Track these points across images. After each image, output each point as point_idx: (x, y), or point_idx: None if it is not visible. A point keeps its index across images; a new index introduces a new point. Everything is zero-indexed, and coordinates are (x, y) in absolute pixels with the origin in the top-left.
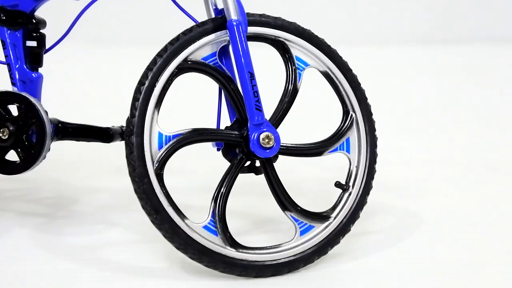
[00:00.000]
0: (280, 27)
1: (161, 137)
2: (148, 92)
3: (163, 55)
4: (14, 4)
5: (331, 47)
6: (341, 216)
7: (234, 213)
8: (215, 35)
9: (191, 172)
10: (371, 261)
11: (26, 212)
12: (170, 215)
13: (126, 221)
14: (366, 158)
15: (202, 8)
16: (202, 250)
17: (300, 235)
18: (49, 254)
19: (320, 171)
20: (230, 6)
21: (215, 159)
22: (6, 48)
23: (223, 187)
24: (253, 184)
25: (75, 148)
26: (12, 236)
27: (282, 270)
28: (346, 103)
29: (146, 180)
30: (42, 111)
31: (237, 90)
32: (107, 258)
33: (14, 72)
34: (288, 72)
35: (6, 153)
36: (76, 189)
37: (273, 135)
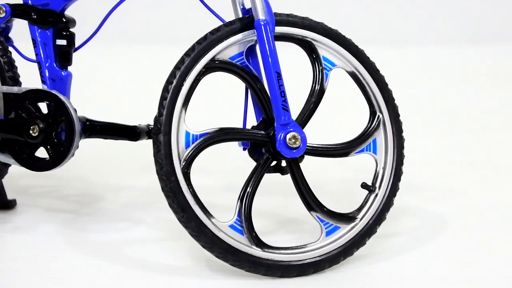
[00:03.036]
0: (307, 27)
1: (188, 136)
2: (176, 91)
3: (191, 54)
4: (45, 3)
5: (359, 48)
6: (367, 217)
7: (258, 212)
8: (243, 34)
9: (216, 171)
10: (397, 263)
11: (53, 208)
12: (196, 214)
13: (150, 219)
14: (393, 159)
15: (230, 7)
16: (228, 249)
17: (325, 236)
18: (76, 251)
19: (343, 171)
20: (258, 5)
21: (239, 158)
22: (37, 47)
23: (249, 187)
24: (276, 183)
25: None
26: (40, 232)
27: (307, 270)
28: (373, 103)
29: (173, 178)
30: (71, 109)
31: (263, 90)
32: (133, 255)
33: (44, 70)
34: (315, 72)
35: (36, 150)
36: (101, 186)
37: (300, 135)
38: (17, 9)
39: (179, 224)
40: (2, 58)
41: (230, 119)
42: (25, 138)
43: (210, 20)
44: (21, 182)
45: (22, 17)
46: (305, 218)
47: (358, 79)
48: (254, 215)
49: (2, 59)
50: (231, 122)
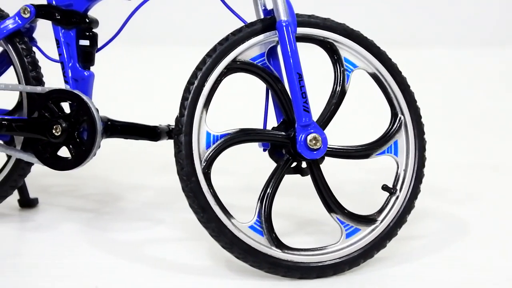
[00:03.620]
0: (329, 28)
1: (209, 136)
2: (197, 91)
3: (212, 55)
4: (69, 4)
5: (380, 49)
6: (388, 219)
7: (277, 213)
8: (264, 35)
9: (235, 171)
10: (417, 266)
11: (74, 207)
12: (217, 214)
13: (170, 218)
14: (415, 161)
15: (251, 8)
16: (247, 250)
17: (346, 238)
18: (96, 249)
19: (362, 173)
20: (280, 7)
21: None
22: (60, 47)
23: (269, 188)
24: (296, 185)
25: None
26: (61, 230)
27: (327, 272)
28: (395, 105)
29: (194, 178)
30: (93, 108)
31: (284, 91)
32: (152, 255)
33: (67, 70)
34: (336, 73)
35: (58, 149)
36: (121, 186)
37: (321, 136)
38: (41, 10)
39: (199, 224)
40: (26, 58)
41: (250, 120)
42: (48, 137)
43: (232, 21)
44: (43, 181)
45: (46, 18)
46: (324, 220)
47: (380, 81)
48: (273, 216)
49: (26, 59)
50: (251, 123)
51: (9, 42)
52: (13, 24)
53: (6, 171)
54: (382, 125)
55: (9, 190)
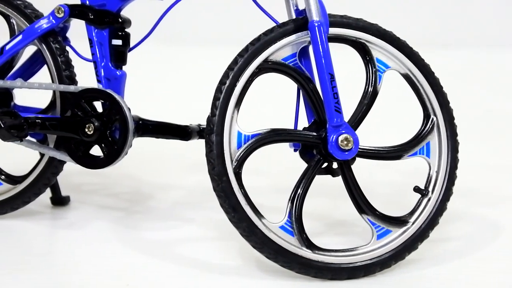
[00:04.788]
0: (361, 29)
1: (240, 136)
2: (229, 91)
3: (244, 55)
4: (102, 4)
5: (413, 49)
6: (420, 221)
7: (307, 214)
8: (296, 35)
9: (265, 171)
10: (449, 268)
11: (105, 205)
12: (247, 214)
13: (200, 218)
14: (447, 163)
15: (283, 8)
16: (278, 250)
17: (377, 239)
18: (128, 248)
19: (392, 174)
20: (312, 7)
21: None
22: (93, 47)
23: (300, 188)
24: (325, 185)
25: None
26: (92, 228)
27: (358, 273)
28: (427, 106)
29: (225, 178)
30: (125, 108)
31: (316, 91)
32: (183, 254)
33: (99, 70)
34: (368, 74)
35: (90, 148)
36: (152, 185)
37: (352, 137)
38: (75, 10)
39: (229, 223)
40: (60, 57)
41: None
42: (80, 136)
43: (264, 21)
44: (74, 179)
45: (80, 17)
46: (354, 221)
47: (412, 82)
48: (303, 216)
49: (59, 58)
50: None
51: (43, 41)
52: (47, 24)
53: (39, 169)
54: (414, 126)
55: (42, 188)
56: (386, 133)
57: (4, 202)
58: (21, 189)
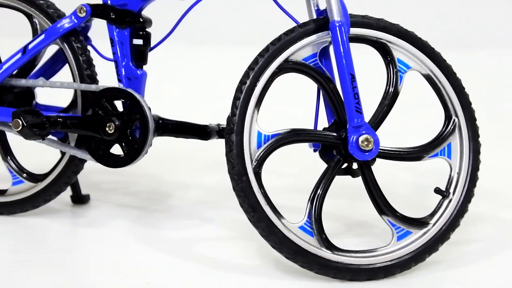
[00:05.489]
0: (382, 29)
1: (260, 136)
2: (249, 91)
3: (265, 55)
4: (123, 4)
5: (435, 50)
6: (441, 223)
7: (326, 214)
8: (317, 36)
9: (285, 172)
10: (470, 271)
11: (124, 204)
12: (267, 214)
13: (219, 217)
14: (469, 164)
15: (304, 8)
16: (297, 250)
17: (397, 241)
18: (147, 247)
19: (412, 175)
20: (333, 7)
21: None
22: (114, 46)
23: (320, 189)
24: (344, 186)
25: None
26: (112, 227)
27: (377, 274)
28: (449, 107)
29: (245, 178)
30: (146, 107)
31: (336, 92)
32: (202, 254)
33: (120, 69)
34: (389, 74)
35: (111, 147)
36: (171, 184)
37: (373, 138)
38: (96, 9)
39: (248, 223)
40: (81, 56)
41: (301, 120)
42: (101, 135)
43: (284, 21)
44: (94, 177)
45: (101, 17)
46: (373, 222)
47: (434, 82)
48: (322, 217)
49: (81, 58)
50: (302, 123)
51: (65, 40)
52: (69, 23)
53: (60, 167)
54: (435, 127)
55: (63, 186)
56: (406, 134)
57: (26, 200)
58: (42, 187)
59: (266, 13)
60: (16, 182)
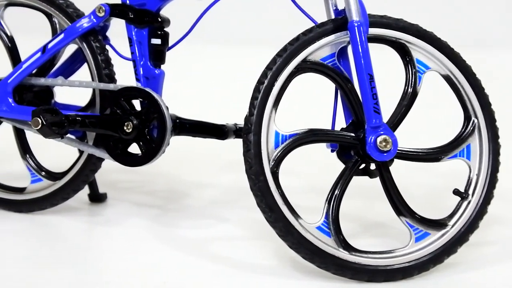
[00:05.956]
0: (401, 29)
1: (277, 136)
2: (267, 91)
3: (283, 55)
4: (142, 3)
5: (454, 50)
6: (459, 224)
7: (342, 215)
8: (335, 36)
9: (301, 172)
10: (488, 273)
11: (141, 203)
12: (284, 214)
13: (234, 217)
14: (488, 166)
15: (322, 8)
16: (314, 251)
17: (415, 242)
18: (164, 245)
19: (429, 176)
20: (352, 7)
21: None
22: (132, 45)
23: (337, 189)
24: (360, 186)
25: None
26: (129, 226)
27: (395, 276)
28: (468, 108)
29: (262, 178)
30: (163, 106)
31: (354, 92)
32: (219, 253)
33: (138, 69)
34: (408, 74)
35: (128, 146)
36: (187, 183)
37: (391, 138)
38: (115, 9)
39: (264, 223)
40: (100, 56)
41: (319, 120)
42: (119, 134)
43: (302, 21)
44: (111, 176)
45: (120, 17)
46: (390, 223)
47: (453, 83)
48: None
49: (99, 57)
50: (319, 123)
51: (84, 40)
52: (88, 23)
53: (78, 166)
54: (454, 128)
55: (81, 185)
56: (425, 135)
57: (44, 198)
58: (60, 186)
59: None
60: (35, 180)
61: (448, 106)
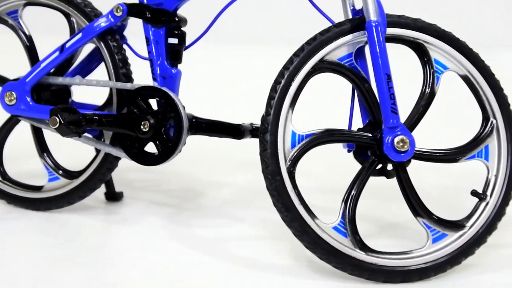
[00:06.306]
0: (419, 29)
1: (294, 136)
2: (284, 91)
3: (300, 54)
4: (159, 3)
5: (473, 50)
6: (477, 226)
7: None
8: (353, 35)
9: (317, 172)
10: (507, 274)
11: (157, 202)
12: (300, 214)
13: (250, 216)
14: (506, 167)
15: (339, 8)
16: (331, 251)
17: (432, 243)
18: (179, 244)
19: (446, 177)
20: (370, 6)
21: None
22: (150, 45)
23: (354, 190)
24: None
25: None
26: (145, 224)
27: (412, 277)
28: (486, 108)
29: (279, 177)
30: (180, 106)
31: (371, 92)
32: (234, 253)
33: (155, 68)
34: (426, 75)
35: (145, 145)
36: (202, 182)
37: (408, 138)
38: (133, 8)
39: (280, 223)
40: (117, 55)
41: (335, 120)
42: (136, 133)
43: (320, 21)
44: (127, 175)
45: (137, 16)
46: (406, 223)
47: (471, 83)
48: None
49: (117, 56)
50: (336, 123)
51: (101, 39)
52: (105, 22)
53: (95, 165)
54: (472, 129)
55: (97, 183)
56: (443, 135)
57: (61, 197)
58: (77, 184)
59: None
60: (52, 178)
61: (466, 107)
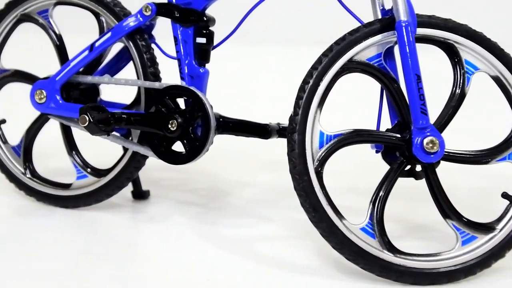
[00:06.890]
0: (450, 29)
1: (322, 136)
2: (312, 91)
3: (329, 54)
4: (188, 3)
5: (504, 51)
6: (508, 228)
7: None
8: (382, 35)
9: (345, 172)
10: None
11: (184, 201)
12: (328, 214)
13: (276, 216)
14: None
15: (369, 8)
16: (358, 252)
17: (461, 245)
18: (206, 243)
19: (476, 179)
20: (400, 6)
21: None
22: (178, 44)
23: (382, 191)
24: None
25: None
26: (172, 223)
27: (441, 279)
28: None
29: (306, 178)
30: (208, 105)
31: (400, 92)
32: (260, 252)
33: (183, 67)
34: (456, 75)
35: (173, 144)
36: (228, 182)
37: (438, 140)
38: (161, 8)
39: (306, 223)
40: (145, 54)
41: (363, 121)
42: (163, 132)
43: (349, 21)
44: (153, 174)
45: (166, 16)
46: (435, 225)
47: (503, 84)
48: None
49: (145, 56)
50: (364, 123)
51: (130, 39)
52: (134, 22)
53: (123, 163)
54: (502, 130)
55: (125, 182)
56: (473, 137)
57: (89, 195)
58: (105, 182)
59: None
60: (81, 176)
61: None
